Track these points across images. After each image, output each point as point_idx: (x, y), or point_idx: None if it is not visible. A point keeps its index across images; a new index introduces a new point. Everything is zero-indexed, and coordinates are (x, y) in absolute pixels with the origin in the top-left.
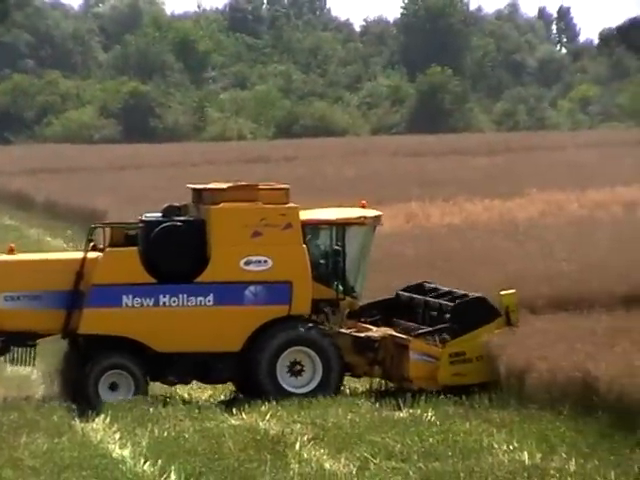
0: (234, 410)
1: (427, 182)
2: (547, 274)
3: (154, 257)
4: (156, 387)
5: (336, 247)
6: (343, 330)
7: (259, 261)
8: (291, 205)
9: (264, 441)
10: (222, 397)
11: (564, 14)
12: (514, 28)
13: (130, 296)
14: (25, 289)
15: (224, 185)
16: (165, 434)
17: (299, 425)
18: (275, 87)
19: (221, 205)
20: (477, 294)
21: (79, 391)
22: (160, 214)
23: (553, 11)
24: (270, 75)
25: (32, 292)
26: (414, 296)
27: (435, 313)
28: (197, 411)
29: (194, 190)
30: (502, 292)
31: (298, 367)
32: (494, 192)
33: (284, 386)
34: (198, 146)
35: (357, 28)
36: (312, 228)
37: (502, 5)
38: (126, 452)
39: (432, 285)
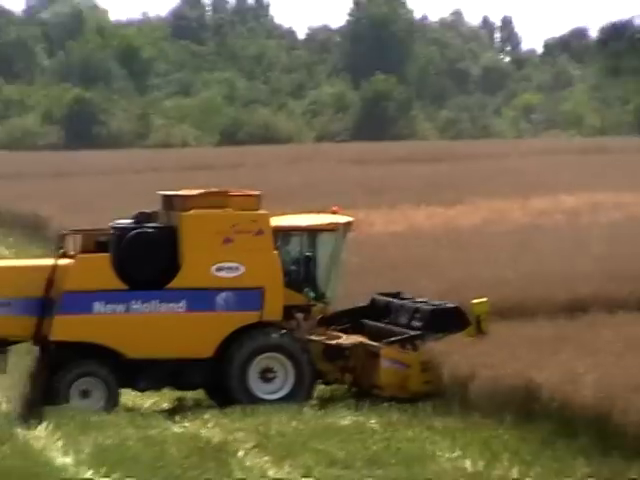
0: (177, 418)
1: (371, 190)
2: (491, 282)
3: (125, 263)
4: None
5: (307, 253)
6: (314, 337)
7: (230, 267)
8: (262, 211)
9: (207, 449)
10: (165, 405)
11: (507, 23)
12: (458, 36)
13: (101, 303)
14: None
15: (195, 192)
16: (108, 442)
17: (242, 433)
18: (219, 94)
19: (192, 211)
20: (452, 304)
21: (50, 398)
22: (131, 220)
23: (496, 20)
24: (214, 82)
25: (2, 299)
26: (391, 299)
27: (407, 318)
28: (140, 418)
29: (164, 196)
30: (474, 301)
31: (270, 374)
32: (438, 200)
33: (256, 393)
34: (142, 153)
35: (301, 36)
36: (283, 234)
37: (446, 14)
38: (69, 460)
39: (407, 296)
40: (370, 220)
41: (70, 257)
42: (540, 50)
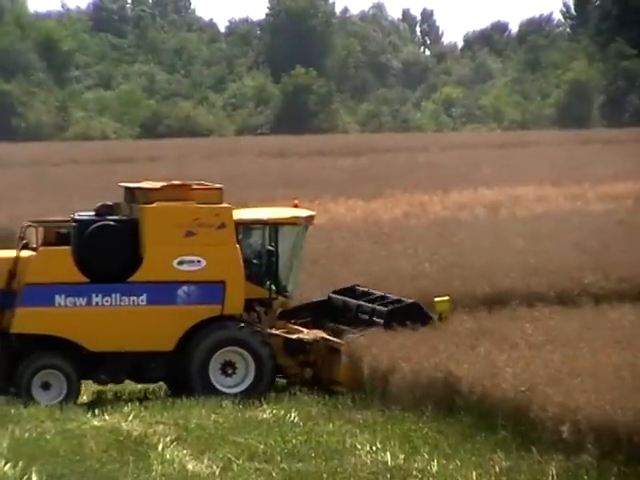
0: (96, 411)
1: (292, 183)
2: (410, 274)
3: (87, 256)
4: None
5: (269, 247)
6: (275, 331)
7: (192, 261)
8: (225, 205)
9: (126, 442)
10: (84, 398)
11: (428, 16)
12: (378, 30)
13: (63, 295)
14: None
15: (158, 184)
16: (26, 435)
17: (162, 426)
18: (139, 87)
19: (155, 204)
20: (411, 300)
21: (11, 390)
22: (92, 213)
23: (417, 13)
24: (134, 75)
25: None
26: (347, 299)
27: (367, 317)
28: (59, 412)
29: (127, 189)
30: (436, 299)
31: (230, 367)
32: (358, 193)
33: (216, 386)
34: (61, 145)
35: (222, 29)
36: (245, 228)
37: (367, 7)
38: None
39: (364, 289)
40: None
41: (32, 249)
42: (461, 44)
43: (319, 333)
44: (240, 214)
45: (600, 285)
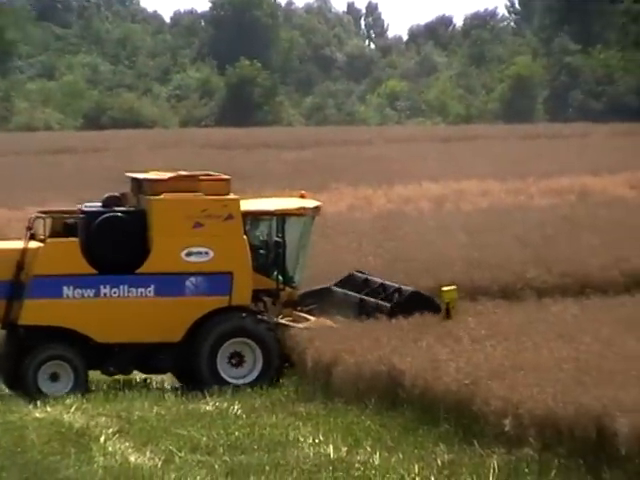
0: (38, 403)
1: (236, 175)
2: (354, 268)
3: (95, 248)
4: None
5: (276, 238)
6: (282, 320)
7: (200, 252)
8: (232, 196)
9: (68, 434)
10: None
11: (373, 10)
12: (323, 22)
13: (71, 287)
14: None
15: (165, 175)
16: None
17: (104, 418)
18: (83, 78)
19: (162, 196)
20: (410, 288)
21: (19, 381)
22: (100, 204)
23: (362, 6)
24: (78, 66)
25: None
26: (348, 292)
27: (370, 310)
28: (0, 403)
29: (133, 179)
30: (443, 288)
31: (239, 358)
32: (303, 186)
33: (224, 377)
34: (3, 136)
35: (167, 20)
36: (252, 219)
37: None
38: None
39: (363, 276)
40: None
41: (40, 240)
42: (405, 37)
43: (325, 321)
44: (247, 205)
45: (543, 279)
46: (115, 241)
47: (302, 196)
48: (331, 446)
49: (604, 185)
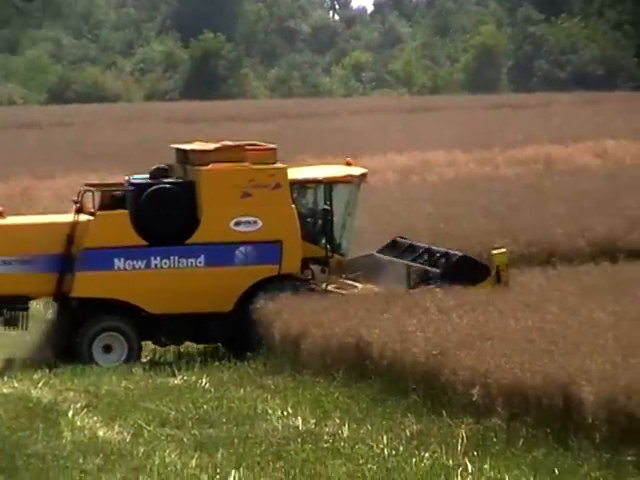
0: (5, 378)
1: None
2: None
3: (145, 220)
4: None
5: (324, 206)
6: (331, 288)
7: (249, 222)
8: (279, 165)
9: (36, 409)
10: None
11: None
12: None
13: (122, 259)
14: (16, 253)
15: (212, 146)
16: None
17: (72, 393)
18: (46, 52)
19: (210, 166)
20: (459, 252)
21: (70, 353)
22: (147, 176)
23: None
24: (41, 40)
25: (23, 256)
26: (394, 259)
27: (417, 279)
28: None
29: (179, 150)
30: (494, 251)
31: None
32: None
33: None
34: None
35: None
36: (299, 187)
37: None
38: None
39: (407, 241)
40: None
41: (89, 213)
42: (370, 8)
43: (374, 288)
44: (294, 173)
45: (509, 249)
46: (164, 212)
47: (348, 163)
48: (300, 418)
49: (569, 154)
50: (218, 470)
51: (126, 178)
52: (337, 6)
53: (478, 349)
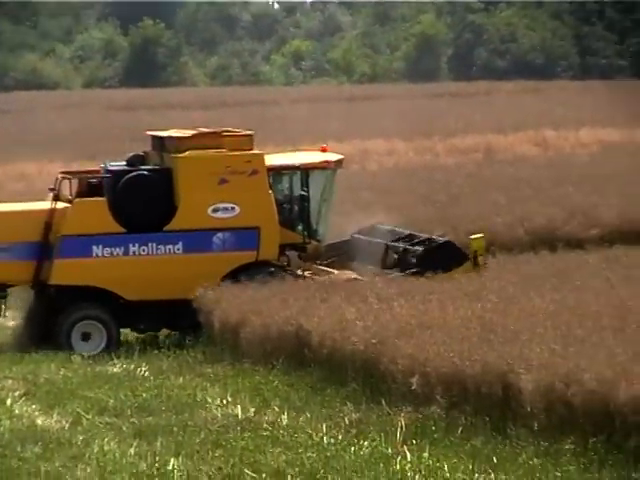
0: None
1: (141, 136)
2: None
3: (122, 206)
4: None
5: (301, 192)
6: (307, 274)
7: (226, 208)
8: (256, 151)
9: None
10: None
11: None
12: None
13: (100, 246)
14: None
15: (188, 133)
16: None
17: (10, 381)
18: None
19: (187, 153)
20: (443, 239)
21: (47, 340)
22: (124, 163)
23: None
24: None
25: (1, 244)
26: (372, 240)
27: (396, 257)
28: None
29: (155, 137)
30: (471, 236)
31: None
32: None
33: None
34: None
35: None
36: (276, 173)
37: None
38: None
39: (388, 227)
40: None
41: (66, 201)
42: None
43: (352, 274)
44: (271, 160)
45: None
46: (142, 199)
47: (323, 150)
48: (239, 407)
49: (509, 143)
50: (157, 458)
51: (102, 165)
52: None
53: (417, 338)
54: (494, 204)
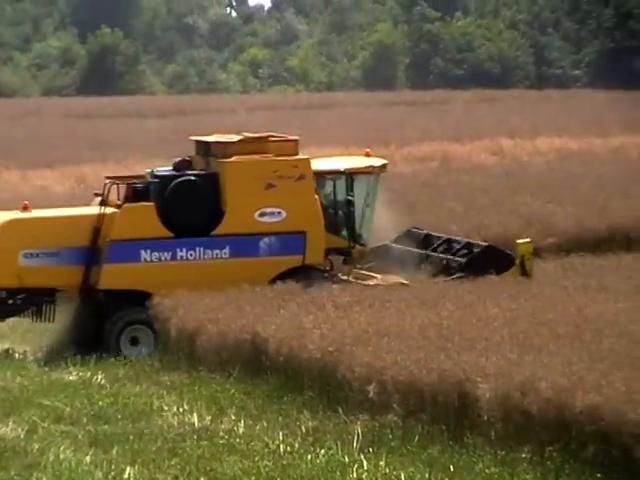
0: None
1: (98, 144)
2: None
3: (170, 211)
4: None
5: (347, 196)
6: (351, 279)
7: (273, 212)
8: (303, 156)
9: None
10: None
11: None
12: None
13: (148, 251)
14: (43, 246)
15: (235, 137)
16: None
17: None
18: None
19: (234, 158)
20: (484, 243)
21: (94, 345)
22: (171, 168)
23: None
24: None
25: (50, 249)
26: (411, 249)
27: (444, 263)
28: None
29: (200, 142)
30: (518, 241)
31: None
32: (166, 154)
33: None
34: None
35: None
36: (321, 178)
37: None
38: None
39: (423, 232)
40: (97, 175)
41: (114, 206)
42: (267, 5)
43: (395, 278)
44: (316, 165)
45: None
46: (190, 204)
47: (367, 154)
48: (195, 415)
49: (465, 151)
50: (113, 467)
51: (148, 171)
52: (234, 3)
53: (375, 346)
54: (451, 212)
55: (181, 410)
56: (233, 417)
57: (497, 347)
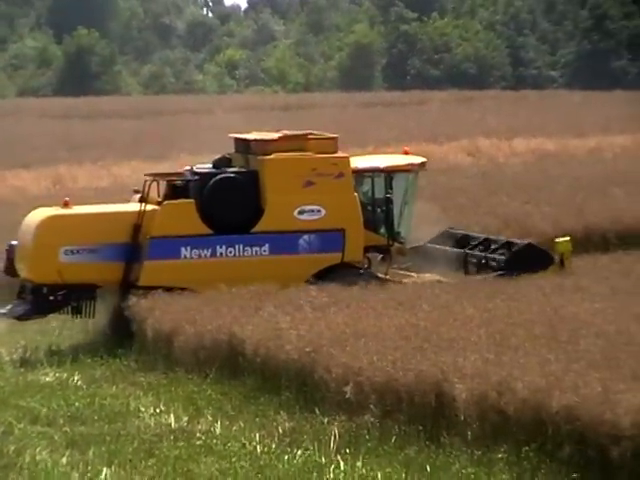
0: None
1: (75, 145)
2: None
3: (210, 208)
4: None
5: (386, 194)
6: (389, 277)
7: (312, 210)
8: (342, 154)
9: None
10: None
11: None
12: None
13: (188, 248)
14: (84, 243)
15: (274, 135)
16: None
17: None
18: None
19: (274, 155)
20: (524, 241)
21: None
22: (210, 165)
23: None
24: None
25: (91, 245)
26: (448, 248)
27: (483, 262)
28: None
29: (239, 140)
30: (557, 239)
31: None
32: (143, 155)
33: None
34: None
35: None
36: (360, 176)
37: None
38: None
39: (461, 232)
40: (73, 175)
41: (154, 203)
42: (244, 6)
43: (434, 276)
44: (355, 162)
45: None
46: (230, 201)
47: (406, 152)
48: (172, 416)
49: (442, 152)
50: (89, 468)
51: (187, 168)
52: (211, 3)
53: (352, 347)
54: (427, 214)
55: (158, 411)
56: (210, 418)
57: (474, 347)
